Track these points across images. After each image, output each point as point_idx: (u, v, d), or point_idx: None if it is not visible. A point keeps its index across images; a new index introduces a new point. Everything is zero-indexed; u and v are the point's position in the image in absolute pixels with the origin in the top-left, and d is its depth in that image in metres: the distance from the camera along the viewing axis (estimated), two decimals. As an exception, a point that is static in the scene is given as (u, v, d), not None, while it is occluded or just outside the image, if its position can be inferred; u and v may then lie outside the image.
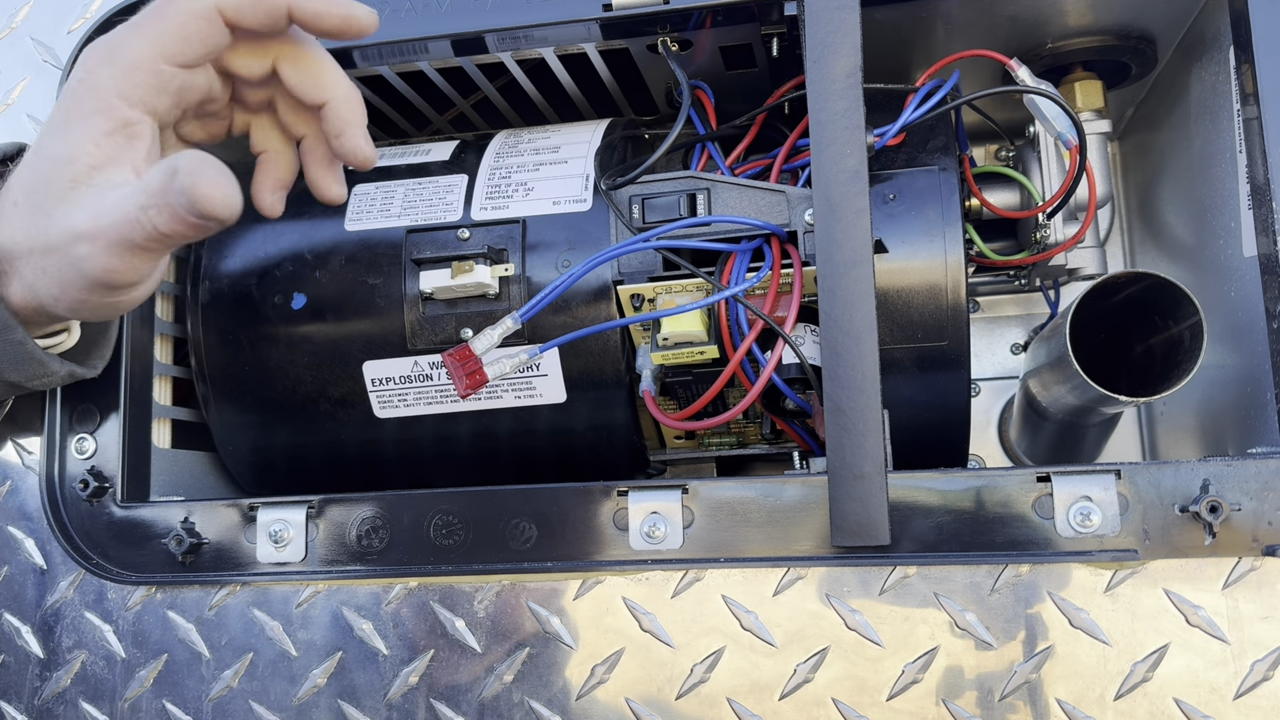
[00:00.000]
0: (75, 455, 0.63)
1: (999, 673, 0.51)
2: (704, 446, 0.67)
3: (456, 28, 0.63)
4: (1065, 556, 0.51)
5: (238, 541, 0.60)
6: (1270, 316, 0.56)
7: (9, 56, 0.69)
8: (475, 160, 0.65)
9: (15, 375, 0.54)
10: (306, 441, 0.65)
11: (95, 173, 0.48)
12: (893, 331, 0.58)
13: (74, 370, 0.56)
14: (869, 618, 0.52)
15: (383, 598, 0.58)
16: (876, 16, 0.62)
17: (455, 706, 0.56)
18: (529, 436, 0.63)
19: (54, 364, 0.55)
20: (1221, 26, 0.60)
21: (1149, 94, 0.76)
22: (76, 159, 0.48)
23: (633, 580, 0.55)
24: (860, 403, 0.50)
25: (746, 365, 0.56)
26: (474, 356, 0.54)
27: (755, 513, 0.54)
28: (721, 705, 0.53)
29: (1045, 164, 0.68)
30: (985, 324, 0.86)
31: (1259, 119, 0.55)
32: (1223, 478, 0.50)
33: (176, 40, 0.50)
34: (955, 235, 0.57)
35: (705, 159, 0.63)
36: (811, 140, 0.53)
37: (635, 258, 0.59)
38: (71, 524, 0.62)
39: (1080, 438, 0.78)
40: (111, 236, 0.47)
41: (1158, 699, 0.49)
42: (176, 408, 0.69)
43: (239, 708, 0.58)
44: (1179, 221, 0.72)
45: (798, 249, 0.57)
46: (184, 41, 0.50)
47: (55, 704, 0.61)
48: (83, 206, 0.48)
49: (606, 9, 0.61)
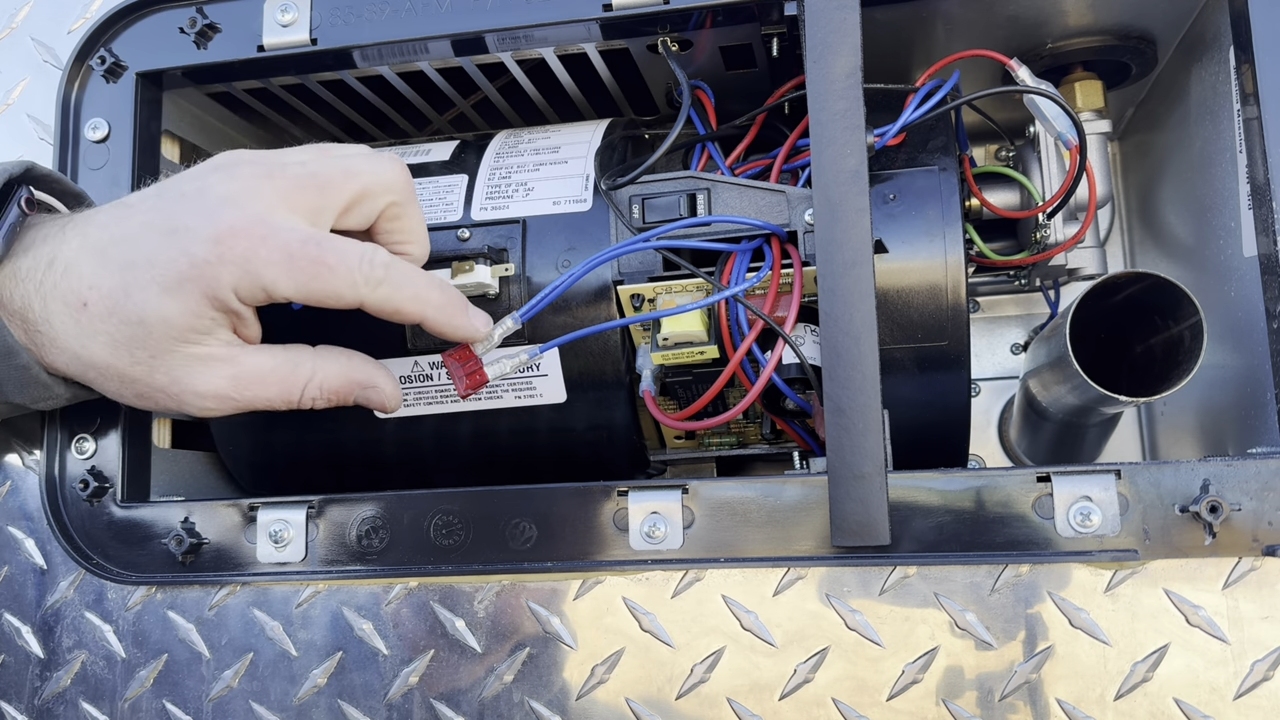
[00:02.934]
0: (75, 455, 0.63)
1: (999, 673, 0.51)
2: (704, 446, 0.67)
3: (456, 28, 0.63)
4: (1065, 556, 0.51)
5: (238, 541, 0.60)
6: (1270, 316, 0.56)
7: (9, 56, 0.69)
8: (475, 160, 0.65)
9: (19, 397, 0.54)
10: (306, 441, 0.65)
11: (207, 337, 0.50)
12: (893, 331, 0.58)
13: (78, 393, 0.56)
14: (869, 618, 0.52)
15: (383, 598, 0.58)
16: (876, 16, 0.62)
17: (455, 707, 0.56)
18: (529, 436, 0.63)
19: (58, 387, 0.54)
20: (1221, 26, 0.60)
21: (1149, 94, 0.76)
22: (191, 327, 0.50)
23: (633, 580, 0.55)
24: (860, 403, 0.50)
25: (746, 365, 0.56)
26: (474, 357, 0.54)
27: (755, 513, 0.54)
28: (721, 705, 0.53)
29: (1045, 164, 0.68)
30: (985, 324, 0.86)
31: (1259, 119, 0.55)
32: (1223, 478, 0.50)
33: (311, 301, 0.50)
34: (955, 235, 0.57)
35: (705, 159, 0.63)
36: (811, 140, 0.53)
37: (635, 258, 0.59)
38: (71, 524, 0.62)
39: (1080, 438, 0.78)
40: (249, 400, 0.52)
41: (1158, 699, 0.49)
42: (176, 408, 0.69)
43: (239, 708, 0.58)
44: (1179, 221, 0.72)
45: (798, 249, 0.57)
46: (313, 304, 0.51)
47: (55, 704, 0.61)
48: (216, 373, 0.51)
49: (606, 9, 0.61)
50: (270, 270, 0.49)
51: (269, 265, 0.49)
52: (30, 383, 0.53)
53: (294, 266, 0.49)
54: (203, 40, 0.65)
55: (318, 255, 0.49)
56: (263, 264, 0.49)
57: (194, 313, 0.49)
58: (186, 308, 0.49)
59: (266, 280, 0.49)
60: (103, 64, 0.66)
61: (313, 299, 0.50)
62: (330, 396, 0.54)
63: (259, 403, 0.52)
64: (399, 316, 0.52)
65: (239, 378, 0.51)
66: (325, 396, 0.54)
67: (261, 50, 0.64)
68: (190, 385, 0.51)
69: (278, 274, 0.49)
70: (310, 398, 0.53)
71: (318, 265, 0.49)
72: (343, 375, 0.54)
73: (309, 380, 0.53)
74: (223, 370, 0.51)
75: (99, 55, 0.66)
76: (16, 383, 0.53)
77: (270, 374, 0.52)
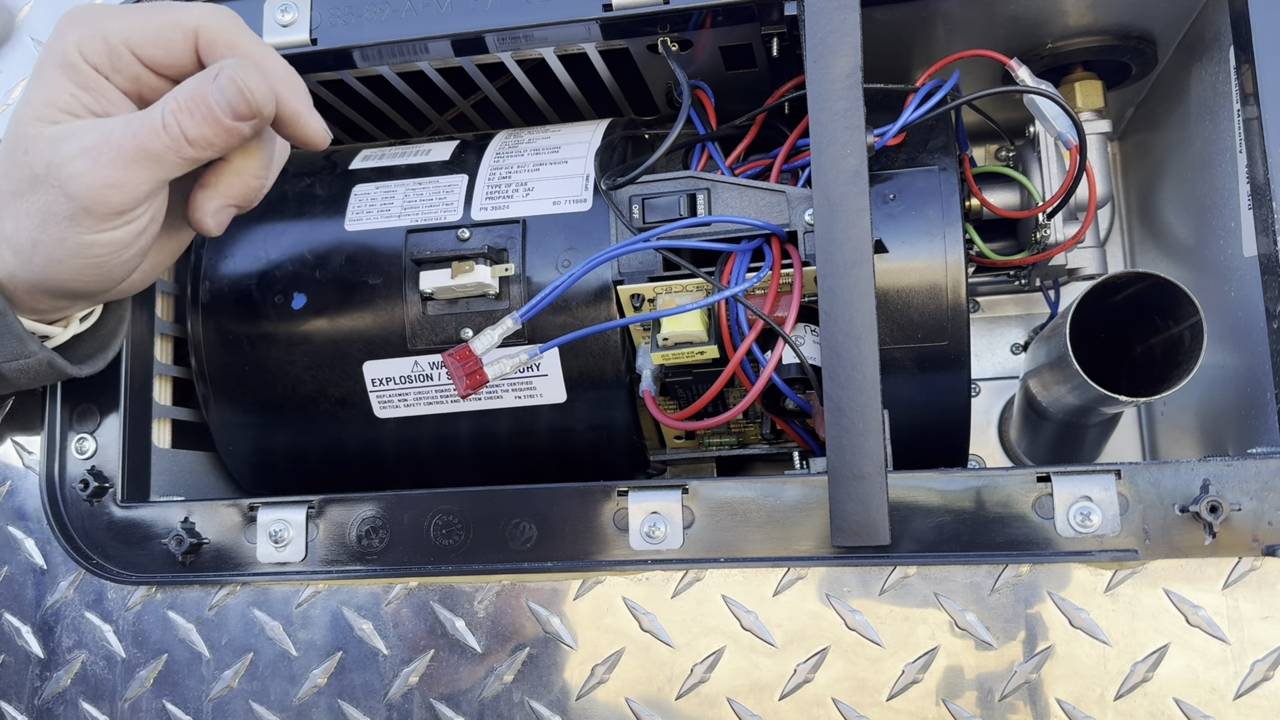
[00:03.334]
0: (75, 455, 0.63)
1: (999, 673, 0.51)
2: (704, 446, 0.67)
3: (456, 28, 0.63)
4: (1065, 556, 0.51)
5: (238, 541, 0.60)
6: (1270, 316, 0.56)
7: (9, 56, 0.69)
8: (475, 160, 0.65)
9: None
10: (306, 441, 0.65)
11: (61, 114, 0.49)
12: (893, 331, 0.58)
13: (54, 360, 0.54)
14: (869, 618, 0.52)
15: (383, 598, 0.58)
16: (876, 16, 0.62)
17: (455, 707, 0.56)
18: (529, 436, 0.63)
19: (32, 344, 0.52)
20: (1221, 26, 0.60)
21: (1149, 94, 0.76)
22: (55, 102, 0.49)
23: (633, 580, 0.55)
24: (860, 403, 0.50)
25: (746, 365, 0.56)
26: (474, 356, 0.54)
27: (755, 513, 0.54)
28: (721, 705, 0.53)
29: (1045, 164, 0.68)
30: (985, 324, 0.86)
31: (1259, 119, 0.55)
32: (1223, 478, 0.50)
33: (149, 38, 0.50)
34: (955, 235, 0.57)
35: (705, 159, 0.63)
36: (811, 140, 0.53)
37: (635, 258, 0.59)
38: (71, 524, 0.62)
39: (1080, 438, 0.78)
40: (122, 146, 0.48)
41: (1158, 699, 0.49)
42: (176, 408, 0.69)
43: (239, 708, 0.58)
44: (1179, 221, 0.72)
45: (798, 249, 0.57)
46: (154, 43, 0.50)
47: (55, 704, 0.61)
48: (82, 130, 0.48)
49: (606, 9, 0.61)
50: (112, 18, 0.50)
51: (110, 14, 0.50)
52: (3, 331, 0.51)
53: (134, 9, 0.50)
54: (203, 40, 0.65)
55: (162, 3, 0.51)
56: (104, 14, 0.50)
57: (49, 85, 0.49)
58: (41, 82, 0.50)
59: (109, 28, 0.49)
60: (103, 64, 0.66)
61: (149, 40, 0.50)
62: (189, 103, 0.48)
63: (132, 146, 0.48)
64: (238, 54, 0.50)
65: (98, 130, 0.48)
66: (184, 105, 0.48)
67: (261, 50, 0.64)
68: (63, 150, 0.48)
69: (119, 16, 0.50)
70: (171, 113, 0.48)
71: (157, 7, 0.50)
72: (187, 81, 0.49)
73: (164, 108, 0.48)
74: (88, 135, 0.48)
75: (99, 55, 0.66)
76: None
77: (126, 120, 0.49)
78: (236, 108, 0.48)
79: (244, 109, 0.48)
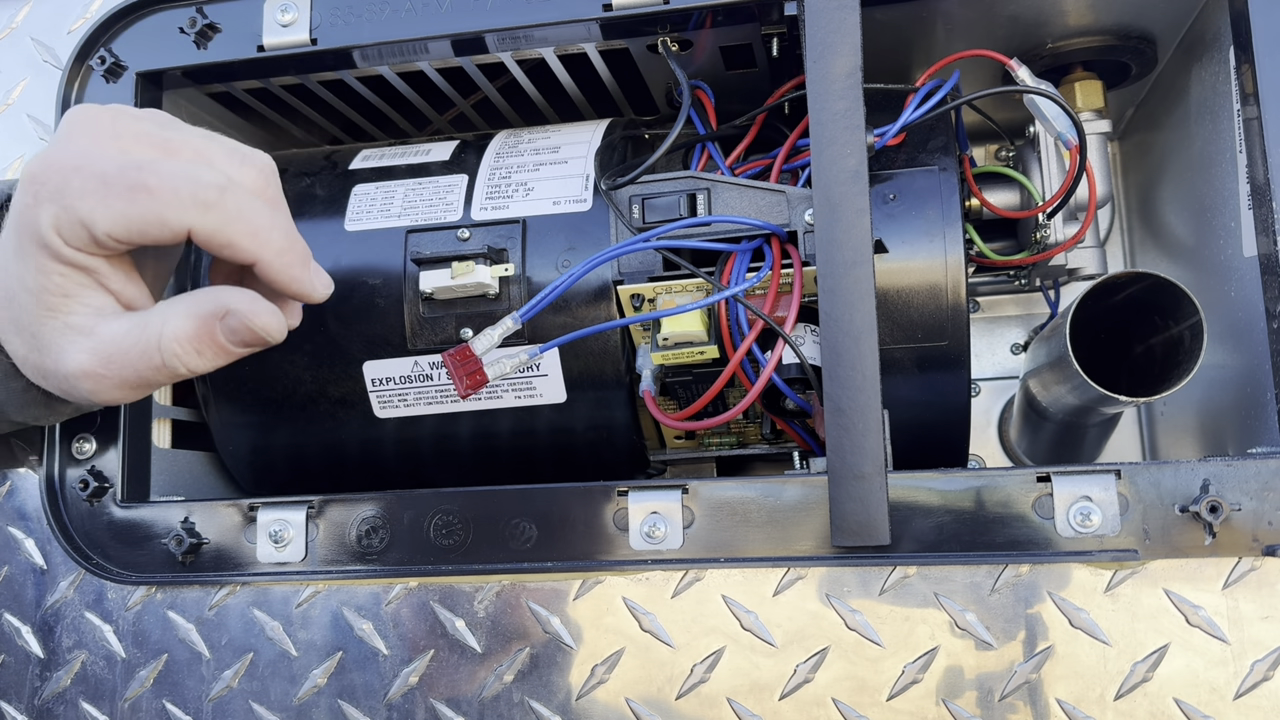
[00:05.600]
0: (75, 455, 0.63)
1: (999, 673, 0.51)
2: (704, 446, 0.67)
3: (456, 28, 0.63)
4: (1065, 556, 0.51)
5: (238, 541, 0.60)
6: (1270, 316, 0.56)
7: (9, 56, 0.69)
8: (475, 160, 0.65)
9: (20, 416, 0.54)
10: (306, 441, 0.65)
11: (68, 300, 0.46)
12: (893, 331, 0.58)
13: (79, 407, 0.55)
14: (869, 618, 0.52)
15: (383, 598, 0.58)
16: (876, 16, 0.62)
17: (455, 707, 0.56)
18: (529, 436, 0.63)
19: (58, 404, 0.54)
20: (1221, 26, 0.60)
21: (1149, 94, 0.76)
22: (45, 289, 0.45)
23: (633, 580, 0.55)
24: (860, 403, 0.50)
25: (746, 365, 0.56)
26: (474, 357, 0.54)
27: (755, 513, 0.54)
28: (721, 705, 0.53)
29: (1045, 164, 0.68)
30: (985, 324, 0.86)
31: (1259, 119, 0.55)
32: (1223, 478, 0.50)
33: (134, 234, 0.45)
34: (955, 235, 0.57)
35: (705, 159, 0.63)
36: (811, 140, 0.53)
37: (635, 258, 0.59)
38: (71, 524, 0.62)
39: (1080, 438, 0.78)
40: (124, 376, 0.46)
41: (1158, 699, 0.49)
42: (176, 408, 0.69)
43: (239, 708, 0.58)
44: (1179, 221, 0.72)
45: (798, 249, 0.57)
46: (140, 237, 0.45)
47: (55, 704, 0.61)
48: (77, 347, 0.46)
49: (606, 9, 0.61)
50: (85, 202, 0.43)
51: (84, 196, 0.43)
52: (30, 403, 0.53)
53: (110, 194, 0.43)
54: (203, 40, 0.65)
55: (137, 179, 0.43)
56: (76, 196, 0.43)
57: (40, 269, 0.45)
58: (33, 265, 0.45)
59: (83, 213, 0.43)
60: (103, 64, 0.66)
61: (135, 232, 0.44)
62: (195, 344, 0.46)
63: (134, 377, 0.46)
64: (231, 252, 0.46)
65: (99, 351, 0.46)
66: (189, 347, 0.46)
67: (261, 50, 0.65)
68: (63, 365, 0.46)
69: (94, 205, 0.43)
70: (174, 355, 0.46)
71: (136, 190, 0.43)
72: (189, 314, 0.46)
73: (160, 335, 0.46)
74: (84, 344, 0.46)
75: (99, 55, 0.66)
76: (17, 404, 0.52)
77: (125, 338, 0.46)
78: (246, 340, 0.47)
79: (255, 341, 0.47)
